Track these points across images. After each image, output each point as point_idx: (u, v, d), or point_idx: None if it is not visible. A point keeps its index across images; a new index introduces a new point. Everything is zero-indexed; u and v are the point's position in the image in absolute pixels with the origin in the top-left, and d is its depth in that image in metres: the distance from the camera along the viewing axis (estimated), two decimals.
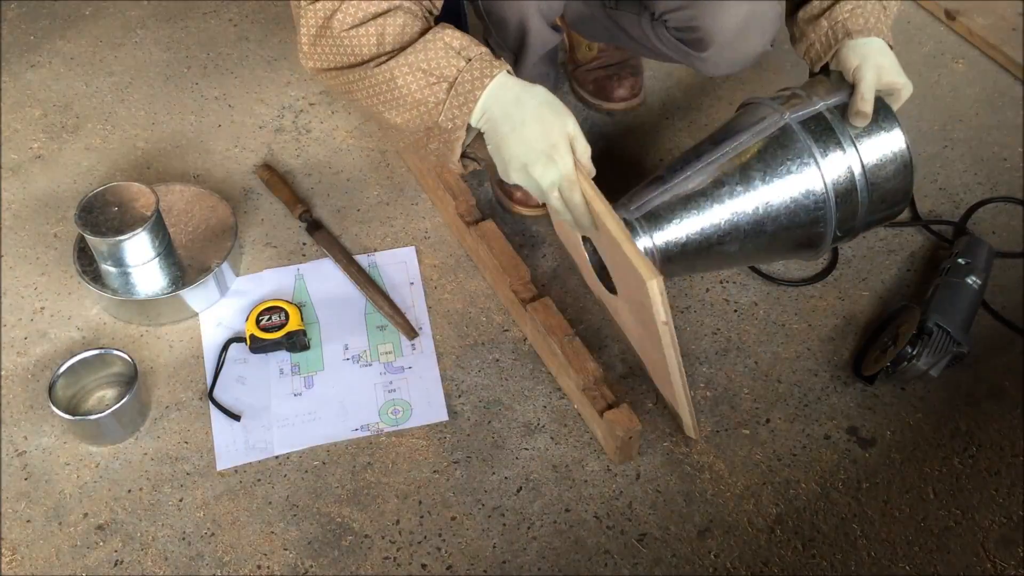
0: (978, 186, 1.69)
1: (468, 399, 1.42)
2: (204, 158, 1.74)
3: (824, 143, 1.33)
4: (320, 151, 1.75)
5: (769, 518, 1.31)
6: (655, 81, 1.86)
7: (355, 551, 1.28)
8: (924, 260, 1.59)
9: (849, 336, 1.50)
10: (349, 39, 1.16)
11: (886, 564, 1.27)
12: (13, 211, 1.65)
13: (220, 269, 1.50)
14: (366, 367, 1.46)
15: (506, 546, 1.28)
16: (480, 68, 1.15)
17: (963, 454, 1.37)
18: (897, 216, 1.44)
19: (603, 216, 1.16)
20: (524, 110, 1.15)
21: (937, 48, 1.94)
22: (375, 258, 1.59)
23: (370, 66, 1.16)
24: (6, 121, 1.79)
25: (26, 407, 1.41)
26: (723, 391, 1.43)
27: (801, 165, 1.33)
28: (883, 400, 1.42)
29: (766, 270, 1.57)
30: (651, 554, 1.27)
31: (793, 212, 1.34)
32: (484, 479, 1.34)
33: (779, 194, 1.33)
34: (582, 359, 1.36)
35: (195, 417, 1.40)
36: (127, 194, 1.45)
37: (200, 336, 1.49)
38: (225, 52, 1.93)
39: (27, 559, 1.27)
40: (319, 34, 1.17)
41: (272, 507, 1.31)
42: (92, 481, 1.34)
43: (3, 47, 1.93)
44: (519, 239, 1.61)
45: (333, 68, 1.19)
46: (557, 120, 1.16)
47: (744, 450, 1.37)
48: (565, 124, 1.16)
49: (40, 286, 1.55)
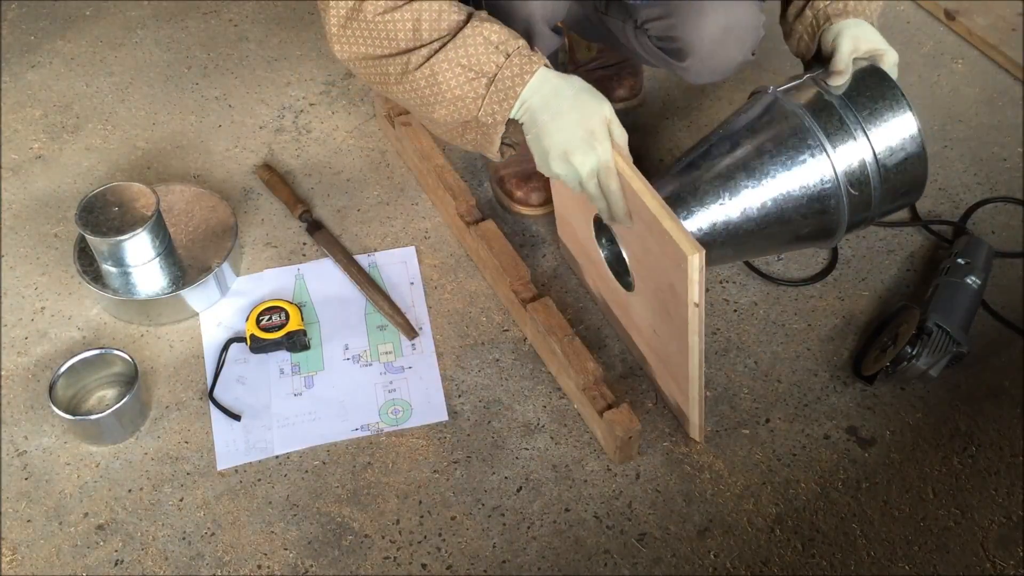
0: (977, 186, 1.70)
1: (468, 399, 1.42)
2: (204, 158, 1.74)
3: (834, 131, 1.33)
4: (320, 151, 1.75)
5: (769, 518, 1.31)
6: (655, 81, 1.86)
7: (355, 551, 1.28)
8: (924, 260, 1.59)
9: (849, 336, 1.50)
10: (384, 24, 1.16)
11: (886, 564, 1.27)
12: (13, 211, 1.65)
13: (220, 269, 1.50)
14: (366, 367, 1.46)
15: (506, 546, 1.28)
16: (520, 64, 1.16)
17: (963, 454, 1.37)
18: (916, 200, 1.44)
19: (643, 194, 1.16)
20: (562, 99, 1.17)
21: (937, 48, 1.94)
22: (375, 258, 1.59)
23: (410, 64, 1.17)
24: (6, 121, 1.79)
25: (26, 407, 1.41)
26: (723, 391, 1.43)
27: (812, 154, 1.32)
28: (883, 400, 1.42)
29: (766, 270, 1.57)
30: (651, 554, 1.28)
31: (804, 202, 1.33)
32: (484, 479, 1.34)
33: (790, 184, 1.32)
34: (582, 359, 1.36)
35: (195, 417, 1.40)
36: (127, 194, 1.46)
37: (200, 336, 1.49)
38: (225, 52, 1.93)
39: (27, 559, 1.27)
40: (350, 16, 1.17)
41: (272, 507, 1.32)
42: (92, 481, 1.34)
43: (3, 47, 1.93)
44: (519, 239, 1.61)
45: (366, 57, 1.19)
46: (595, 106, 1.18)
47: (744, 450, 1.37)
48: (602, 109, 1.18)
49: (40, 286, 1.55)
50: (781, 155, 1.32)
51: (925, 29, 1.98)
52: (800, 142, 1.32)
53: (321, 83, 1.87)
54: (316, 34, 1.96)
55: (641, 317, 1.37)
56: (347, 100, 1.83)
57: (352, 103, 1.83)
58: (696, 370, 1.25)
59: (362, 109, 1.82)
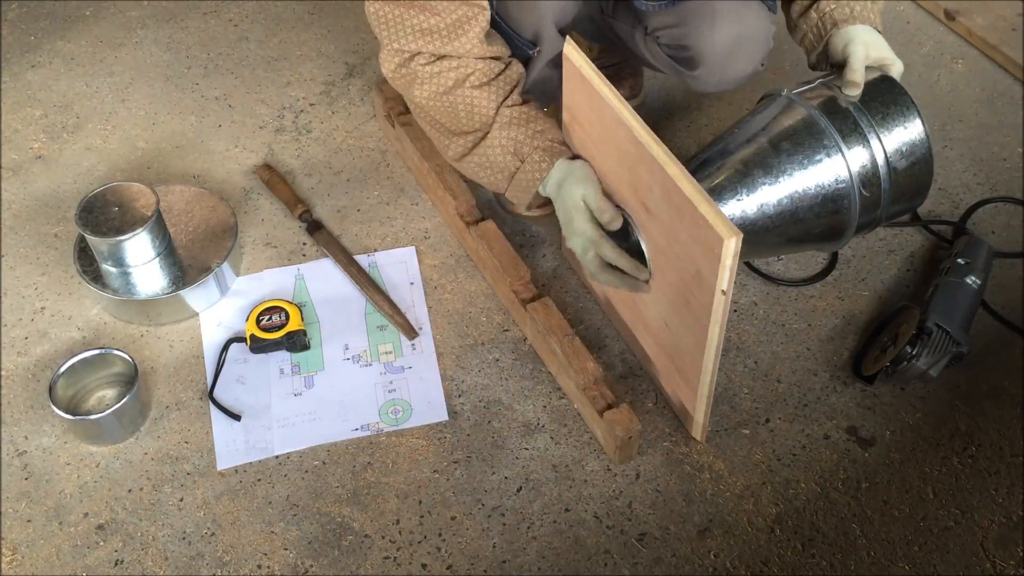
0: (978, 186, 1.69)
1: (468, 399, 1.42)
2: (204, 158, 1.74)
3: (849, 133, 1.34)
4: (320, 151, 1.75)
5: (769, 518, 1.31)
6: (655, 81, 1.86)
7: (355, 551, 1.28)
8: (924, 260, 1.59)
9: (849, 336, 1.50)
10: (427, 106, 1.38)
11: (886, 564, 1.27)
12: (13, 211, 1.65)
13: (220, 269, 1.50)
14: (366, 367, 1.46)
15: (506, 546, 1.28)
16: (531, 169, 1.33)
17: (963, 454, 1.37)
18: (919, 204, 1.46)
19: (678, 179, 1.15)
20: (558, 192, 1.33)
21: (937, 48, 1.94)
22: (375, 258, 1.59)
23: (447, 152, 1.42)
24: (6, 121, 1.79)
25: (26, 407, 1.41)
26: (723, 391, 1.43)
27: (828, 154, 1.33)
28: (883, 400, 1.42)
29: (766, 270, 1.57)
30: (651, 554, 1.28)
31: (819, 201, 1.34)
32: (484, 479, 1.34)
33: (806, 182, 1.33)
34: (582, 359, 1.36)
35: (195, 417, 1.40)
36: (127, 194, 1.46)
37: (200, 336, 1.49)
38: (225, 52, 1.93)
39: (27, 559, 1.27)
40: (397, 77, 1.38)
41: (272, 507, 1.32)
42: (92, 481, 1.34)
43: (3, 47, 1.93)
44: (519, 239, 1.61)
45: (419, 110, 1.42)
46: (571, 195, 1.31)
47: (744, 450, 1.37)
48: (573, 196, 1.30)
49: (40, 286, 1.55)
50: (798, 154, 1.33)
51: (925, 29, 1.98)
52: (817, 142, 1.33)
53: (321, 83, 1.87)
54: (316, 34, 1.96)
55: (651, 312, 1.36)
56: (347, 100, 1.83)
57: (352, 103, 1.83)
58: (711, 362, 1.24)
59: (362, 109, 1.82)
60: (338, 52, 1.92)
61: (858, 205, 1.35)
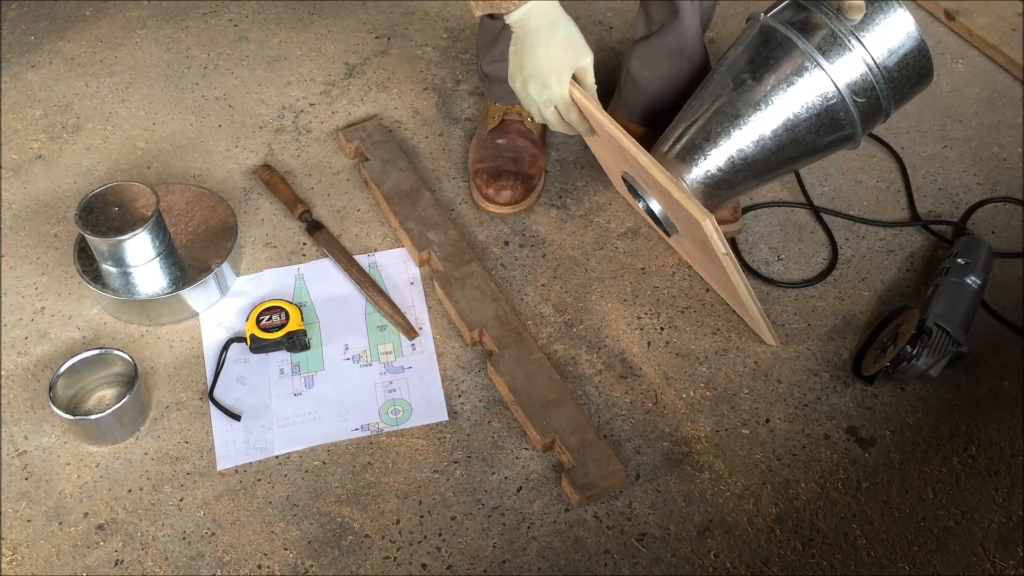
0: (978, 186, 1.70)
1: (468, 399, 1.42)
2: (204, 158, 1.74)
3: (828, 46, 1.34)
4: (320, 151, 1.75)
5: (769, 518, 1.31)
6: None
7: (355, 551, 1.28)
8: (924, 260, 1.59)
9: (849, 336, 1.50)
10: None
11: (886, 564, 1.27)
12: (13, 211, 1.65)
13: (220, 269, 1.50)
14: (366, 367, 1.46)
15: (506, 546, 1.28)
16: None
17: (963, 454, 1.37)
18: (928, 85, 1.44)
19: (651, 169, 1.26)
20: (552, 33, 1.26)
21: (937, 48, 1.94)
22: (375, 258, 1.59)
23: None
24: (6, 121, 1.79)
25: (26, 407, 1.41)
26: (723, 391, 1.43)
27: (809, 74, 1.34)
28: (883, 400, 1.42)
29: (766, 271, 1.57)
30: (651, 554, 1.28)
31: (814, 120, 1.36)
32: (484, 479, 1.34)
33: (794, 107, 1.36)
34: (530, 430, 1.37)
35: (195, 417, 1.40)
36: (128, 194, 1.46)
37: (200, 336, 1.49)
38: (225, 52, 1.93)
39: (27, 559, 1.27)
40: None
41: (272, 507, 1.32)
42: (92, 481, 1.34)
43: (3, 47, 1.93)
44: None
45: None
46: (574, 52, 1.27)
47: (744, 450, 1.37)
48: (578, 58, 1.27)
49: (40, 286, 1.55)
50: (780, 81, 1.35)
51: (925, 29, 1.98)
52: (795, 64, 1.35)
53: (321, 83, 1.87)
54: (316, 34, 1.96)
55: (690, 251, 1.48)
56: (347, 100, 1.83)
57: (352, 103, 1.83)
58: (747, 297, 1.37)
59: (362, 109, 1.82)
60: (338, 52, 1.92)
61: (856, 113, 1.36)
